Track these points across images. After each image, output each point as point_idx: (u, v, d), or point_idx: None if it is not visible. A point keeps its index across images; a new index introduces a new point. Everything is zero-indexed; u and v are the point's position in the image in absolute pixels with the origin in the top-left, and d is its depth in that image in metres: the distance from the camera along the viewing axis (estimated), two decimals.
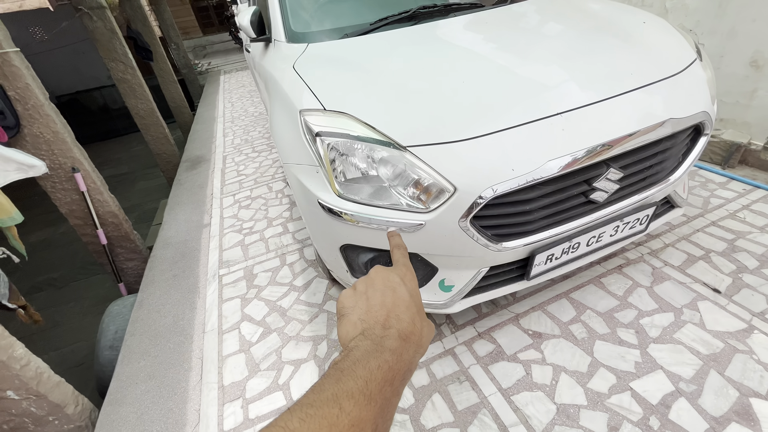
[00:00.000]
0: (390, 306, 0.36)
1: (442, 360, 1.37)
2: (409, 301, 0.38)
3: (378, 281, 0.39)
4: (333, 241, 1.23)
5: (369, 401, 0.26)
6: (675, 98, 1.17)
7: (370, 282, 0.40)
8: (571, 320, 1.43)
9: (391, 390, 0.29)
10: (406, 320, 0.35)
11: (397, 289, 0.38)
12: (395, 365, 0.30)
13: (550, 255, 1.20)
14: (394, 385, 0.29)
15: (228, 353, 1.56)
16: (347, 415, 0.24)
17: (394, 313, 0.36)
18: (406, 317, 0.36)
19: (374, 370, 0.28)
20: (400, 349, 0.32)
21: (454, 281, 1.20)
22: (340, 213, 1.11)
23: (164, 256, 2.29)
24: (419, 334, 0.36)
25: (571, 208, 1.16)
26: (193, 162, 3.74)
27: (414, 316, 0.37)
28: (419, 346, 0.35)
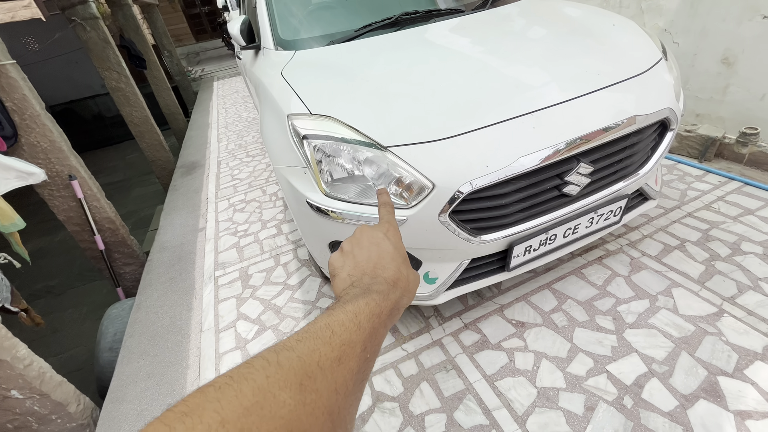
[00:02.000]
0: (375, 259, 0.39)
1: (430, 350, 1.43)
2: (394, 253, 0.40)
3: (363, 239, 0.41)
4: (322, 239, 1.29)
5: (358, 328, 0.29)
6: (641, 95, 1.24)
7: (355, 241, 0.42)
8: (552, 309, 1.50)
9: (379, 321, 0.31)
10: (392, 269, 0.38)
11: (381, 243, 0.40)
12: (382, 302, 0.33)
13: (528, 246, 1.27)
14: (381, 318, 0.32)
15: (225, 350, 1.61)
16: (339, 336, 0.27)
17: (380, 265, 0.38)
18: (391, 266, 0.38)
19: (362, 305, 0.31)
20: (387, 291, 0.35)
21: (438, 274, 1.27)
22: (328, 211, 1.17)
23: (161, 259, 2.35)
24: (405, 280, 0.38)
25: (545, 201, 1.23)
26: (188, 168, 3.80)
27: (399, 265, 0.39)
28: (406, 290, 0.38)
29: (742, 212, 1.80)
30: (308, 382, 0.23)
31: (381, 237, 0.41)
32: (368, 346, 0.29)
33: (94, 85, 7.96)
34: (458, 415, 1.21)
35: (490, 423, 1.17)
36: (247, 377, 0.21)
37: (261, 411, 0.19)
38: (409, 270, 0.40)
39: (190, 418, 0.18)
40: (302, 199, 1.24)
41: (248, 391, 0.20)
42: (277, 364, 0.23)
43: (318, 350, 0.25)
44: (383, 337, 0.32)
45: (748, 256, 1.57)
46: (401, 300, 0.37)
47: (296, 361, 0.23)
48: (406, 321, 1.57)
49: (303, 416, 0.21)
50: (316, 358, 0.25)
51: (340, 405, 0.24)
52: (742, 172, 2.12)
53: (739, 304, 1.38)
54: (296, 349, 0.25)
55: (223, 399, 0.19)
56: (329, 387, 0.24)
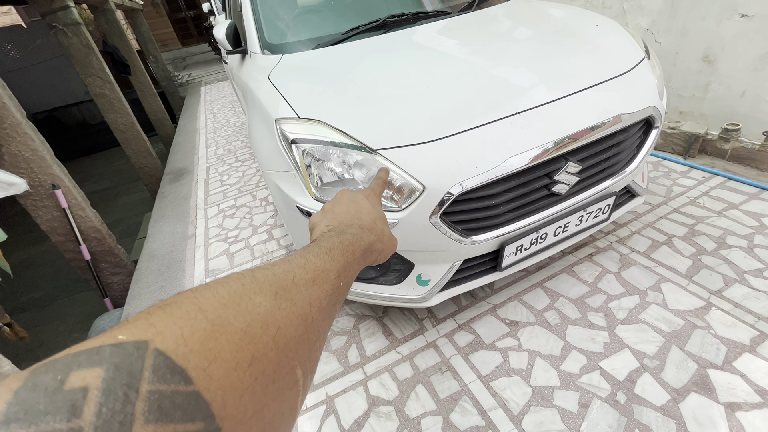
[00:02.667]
0: (353, 212, 0.41)
1: (425, 352, 1.43)
2: (371, 209, 0.42)
3: (344, 198, 0.44)
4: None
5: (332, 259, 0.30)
6: (625, 94, 1.26)
7: (336, 200, 0.44)
8: (545, 308, 1.51)
9: (352, 257, 0.33)
10: (368, 220, 0.41)
11: (361, 201, 0.43)
12: (355, 242, 0.35)
13: (519, 246, 1.28)
14: (355, 255, 0.34)
15: None
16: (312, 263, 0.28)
17: (357, 216, 0.41)
18: (367, 218, 0.41)
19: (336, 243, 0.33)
20: (360, 233, 0.37)
21: (430, 275, 1.27)
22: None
23: (150, 268, 2.30)
24: (380, 230, 0.41)
25: (535, 200, 1.23)
26: (176, 174, 3.74)
27: (375, 218, 0.41)
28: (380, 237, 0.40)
29: (726, 206, 1.84)
30: (283, 293, 0.23)
31: (361, 197, 0.44)
32: (342, 275, 0.30)
33: (78, 92, 7.82)
34: (454, 416, 1.21)
35: (486, 424, 1.17)
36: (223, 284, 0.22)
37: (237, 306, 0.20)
38: (385, 227, 0.43)
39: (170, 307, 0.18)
40: (292, 204, 1.22)
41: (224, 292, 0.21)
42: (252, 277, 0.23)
43: (292, 271, 0.26)
44: (356, 272, 0.34)
45: (733, 250, 1.60)
46: (375, 244, 0.38)
47: (271, 276, 0.24)
48: (399, 323, 1.57)
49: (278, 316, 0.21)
50: (291, 277, 0.25)
51: (313, 316, 0.25)
52: (725, 167, 2.16)
53: (726, 297, 1.41)
54: (271, 269, 0.26)
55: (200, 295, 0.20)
56: (303, 299, 0.24)
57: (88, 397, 0.12)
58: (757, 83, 1.98)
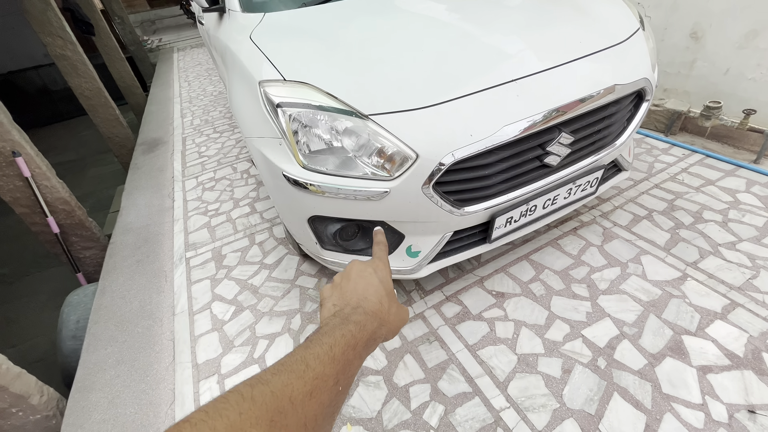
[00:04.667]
0: (361, 291, 0.42)
1: (413, 324, 1.44)
2: (378, 286, 0.43)
3: (353, 273, 0.44)
4: (300, 214, 1.23)
5: (332, 361, 0.31)
6: (619, 65, 1.24)
7: (345, 274, 0.45)
8: (530, 279, 1.53)
9: (353, 353, 0.33)
10: (373, 300, 0.41)
11: (368, 277, 0.43)
12: (358, 334, 0.35)
13: (509, 218, 1.27)
14: (357, 350, 0.34)
15: (200, 333, 1.55)
16: (312, 370, 0.29)
17: (363, 296, 0.41)
18: (373, 298, 0.41)
19: (338, 337, 0.33)
20: (364, 322, 0.37)
21: (420, 247, 1.25)
22: (306, 184, 1.12)
23: (125, 242, 2.20)
24: (386, 312, 0.41)
25: (527, 172, 1.22)
26: (149, 145, 3.55)
27: (382, 297, 0.42)
28: (385, 321, 0.40)
29: (704, 183, 1.90)
30: (279, 418, 0.24)
31: (370, 272, 0.44)
32: (341, 379, 0.31)
33: (36, 55, 7.20)
34: (442, 384, 1.23)
35: (473, 390, 1.20)
36: (222, 413, 0.22)
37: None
38: (392, 304, 0.43)
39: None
40: (278, 173, 1.17)
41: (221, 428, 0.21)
42: (251, 399, 0.24)
43: (291, 384, 0.27)
44: (357, 368, 0.34)
45: (708, 224, 1.66)
46: (379, 330, 0.39)
47: (269, 396, 0.25)
48: None
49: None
50: (289, 393, 0.26)
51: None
52: (704, 145, 2.22)
53: (701, 269, 1.46)
54: (271, 383, 0.26)
55: None
56: (299, 422, 0.25)
57: None
58: (740, 61, 2.00)
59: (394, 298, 0.44)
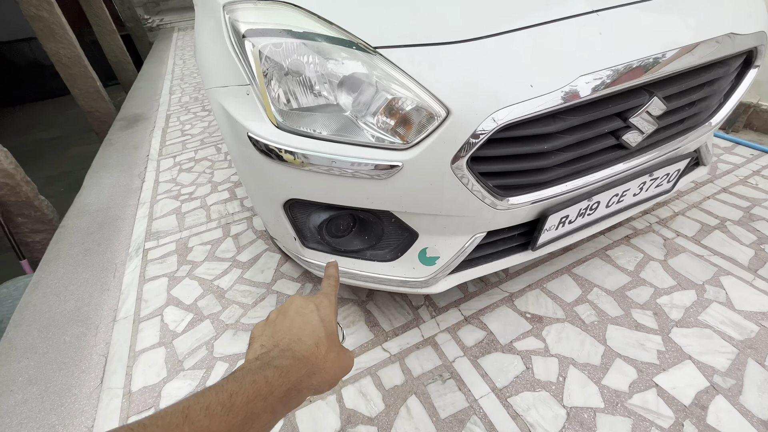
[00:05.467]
0: (295, 330, 0.37)
1: (420, 352, 1.08)
2: (318, 326, 0.38)
3: (291, 309, 0.40)
4: (273, 196, 0.87)
5: (228, 412, 0.26)
6: (735, 10, 0.89)
7: (283, 310, 0.40)
8: (576, 300, 1.17)
9: (263, 405, 0.29)
10: (308, 343, 0.36)
11: (308, 315, 0.39)
12: (275, 381, 0.30)
13: (564, 217, 0.92)
14: (269, 401, 0.29)
15: (143, 347, 1.19)
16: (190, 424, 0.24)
17: (297, 337, 0.36)
18: (309, 341, 0.36)
19: (246, 385, 0.29)
20: (289, 367, 0.32)
21: (439, 251, 0.90)
22: (280, 152, 0.76)
23: (77, 226, 1.85)
24: (321, 358, 0.36)
25: (597, 153, 0.87)
26: (129, 120, 3.20)
27: (319, 340, 0.37)
28: (319, 368, 0.35)
29: None
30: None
31: (311, 309, 0.40)
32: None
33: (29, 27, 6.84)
34: None
35: None
36: None
37: None
38: (331, 348, 0.38)
39: None
40: (242, 134, 0.81)
41: None
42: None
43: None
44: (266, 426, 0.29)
45: None
46: (308, 380, 0.34)
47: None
48: (388, 311, 1.21)
49: None
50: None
51: None
52: None
53: None
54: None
55: None
56: None
57: None
58: None
59: (336, 342, 0.40)
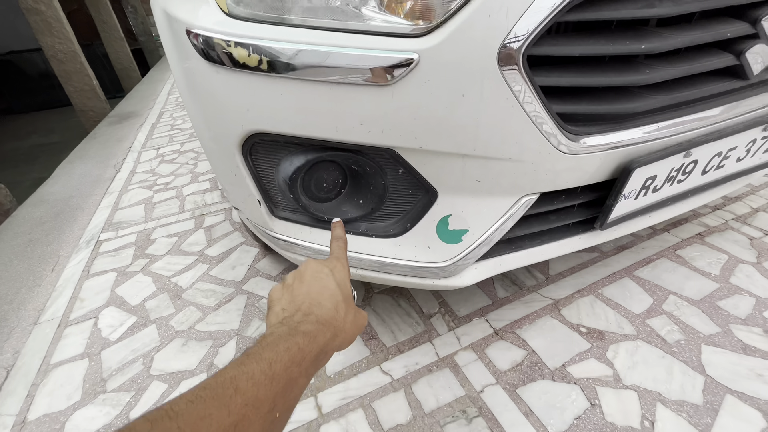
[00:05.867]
0: (314, 295, 0.37)
1: (434, 376, 0.77)
2: (335, 290, 0.39)
3: (307, 273, 0.40)
4: (226, 132, 0.59)
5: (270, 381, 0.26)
6: None
7: (298, 275, 0.41)
8: (648, 312, 0.86)
9: (299, 370, 0.29)
10: (328, 307, 0.37)
11: (324, 279, 0.39)
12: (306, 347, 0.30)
13: (650, 179, 0.63)
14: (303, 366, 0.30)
15: (61, 359, 0.89)
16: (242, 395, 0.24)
17: (317, 301, 0.37)
18: (328, 304, 0.37)
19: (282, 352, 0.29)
20: (315, 332, 0.33)
21: (467, 221, 0.60)
22: (228, 45, 0.49)
23: (29, 215, 1.59)
24: (341, 320, 0.37)
25: (702, 79, 0.59)
26: (120, 117, 3.01)
27: (338, 303, 0.38)
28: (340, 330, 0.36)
29: None
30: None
31: (326, 273, 0.41)
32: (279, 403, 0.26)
33: None
34: None
35: None
36: None
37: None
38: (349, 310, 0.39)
39: None
40: (182, 37, 0.55)
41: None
42: None
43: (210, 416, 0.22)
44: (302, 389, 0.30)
45: None
46: (332, 342, 0.35)
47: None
48: (390, 319, 0.90)
49: None
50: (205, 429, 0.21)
51: None
52: None
53: None
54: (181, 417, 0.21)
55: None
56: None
57: None
58: None
59: (352, 304, 0.40)
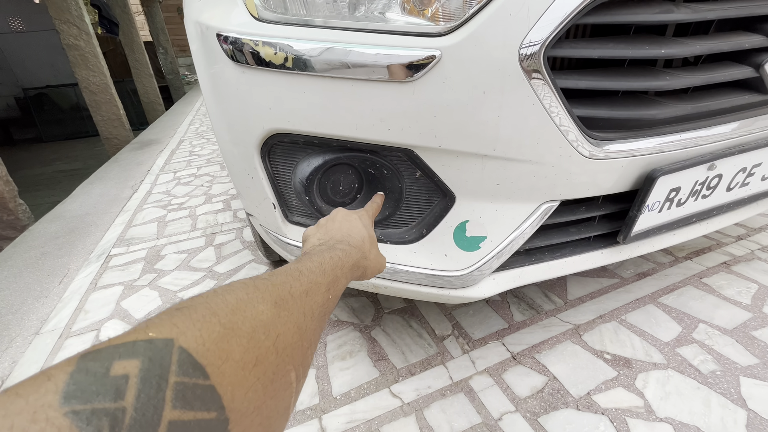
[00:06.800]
0: (345, 230, 0.43)
1: (448, 401, 0.71)
2: (362, 229, 0.44)
3: (338, 216, 0.46)
4: (247, 132, 0.60)
5: (323, 273, 0.32)
6: None
7: (330, 218, 0.46)
8: (677, 340, 0.80)
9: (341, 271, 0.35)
10: (357, 239, 0.42)
11: (353, 221, 0.45)
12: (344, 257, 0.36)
13: (674, 190, 0.61)
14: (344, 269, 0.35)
15: None
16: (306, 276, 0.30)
17: (348, 233, 0.43)
18: (357, 237, 0.43)
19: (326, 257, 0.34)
20: (349, 251, 0.38)
21: (486, 227, 0.58)
22: (255, 45, 0.51)
23: (45, 230, 1.61)
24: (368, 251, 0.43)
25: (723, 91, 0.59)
26: (142, 144, 3.14)
27: (364, 239, 0.43)
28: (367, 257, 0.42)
29: None
30: (281, 302, 0.25)
31: (354, 217, 0.46)
32: (331, 288, 0.32)
33: None
34: None
35: None
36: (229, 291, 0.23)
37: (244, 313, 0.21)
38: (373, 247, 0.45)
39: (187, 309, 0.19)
40: (212, 42, 0.57)
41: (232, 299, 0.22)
42: (254, 286, 0.24)
43: (288, 282, 0.27)
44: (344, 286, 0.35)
45: None
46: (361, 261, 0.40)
47: (270, 287, 0.25)
48: (400, 340, 0.86)
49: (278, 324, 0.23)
50: (288, 288, 0.27)
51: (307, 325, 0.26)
52: None
53: None
54: (269, 279, 0.27)
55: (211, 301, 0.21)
56: (298, 309, 0.26)
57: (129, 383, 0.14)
58: None
59: (375, 245, 0.46)
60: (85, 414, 0.13)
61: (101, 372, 0.14)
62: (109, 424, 0.13)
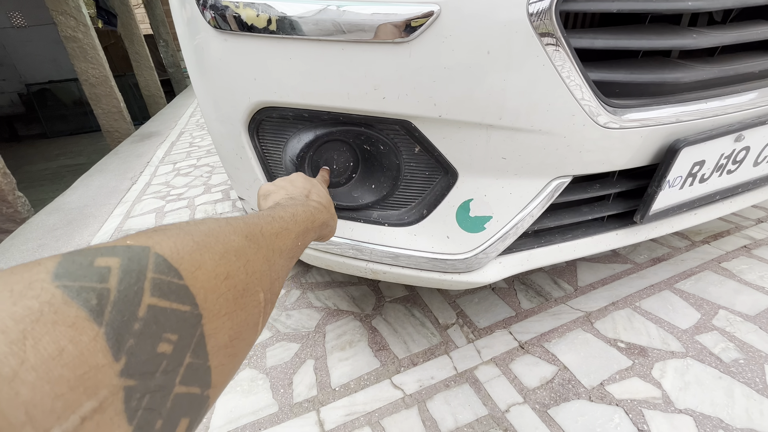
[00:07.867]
0: (310, 188, 0.45)
1: (452, 392, 0.68)
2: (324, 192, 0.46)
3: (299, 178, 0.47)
4: (233, 106, 0.56)
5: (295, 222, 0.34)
6: None
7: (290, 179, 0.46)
8: (696, 327, 0.76)
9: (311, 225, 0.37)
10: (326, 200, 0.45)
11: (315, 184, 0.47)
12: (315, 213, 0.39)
13: (698, 163, 0.56)
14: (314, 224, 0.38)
15: None
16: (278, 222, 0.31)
17: (314, 191, 0.44)
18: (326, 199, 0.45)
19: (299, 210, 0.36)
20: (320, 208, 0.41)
21: (491, 206, 0.54)
22: (236, 6, 0.46)
23: (43, 222, 1.59)
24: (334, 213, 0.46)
25: (754, 54, 0.53)
26: (143, 136, 3.11)
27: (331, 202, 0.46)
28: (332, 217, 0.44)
29: None
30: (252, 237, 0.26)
31: (318, 182, 0.48)
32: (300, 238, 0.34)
33: None
34: None
35: None
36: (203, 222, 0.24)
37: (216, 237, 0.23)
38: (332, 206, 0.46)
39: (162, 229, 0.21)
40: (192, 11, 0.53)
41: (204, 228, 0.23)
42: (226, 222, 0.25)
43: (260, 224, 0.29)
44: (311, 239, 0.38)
45: None
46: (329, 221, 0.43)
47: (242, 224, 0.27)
48: (402, 329, 0.82)
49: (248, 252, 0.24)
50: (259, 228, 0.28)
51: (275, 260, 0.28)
52: None
53: None
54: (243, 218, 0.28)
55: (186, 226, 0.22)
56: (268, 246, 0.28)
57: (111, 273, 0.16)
58: None
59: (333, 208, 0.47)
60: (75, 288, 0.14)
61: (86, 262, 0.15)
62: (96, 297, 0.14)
